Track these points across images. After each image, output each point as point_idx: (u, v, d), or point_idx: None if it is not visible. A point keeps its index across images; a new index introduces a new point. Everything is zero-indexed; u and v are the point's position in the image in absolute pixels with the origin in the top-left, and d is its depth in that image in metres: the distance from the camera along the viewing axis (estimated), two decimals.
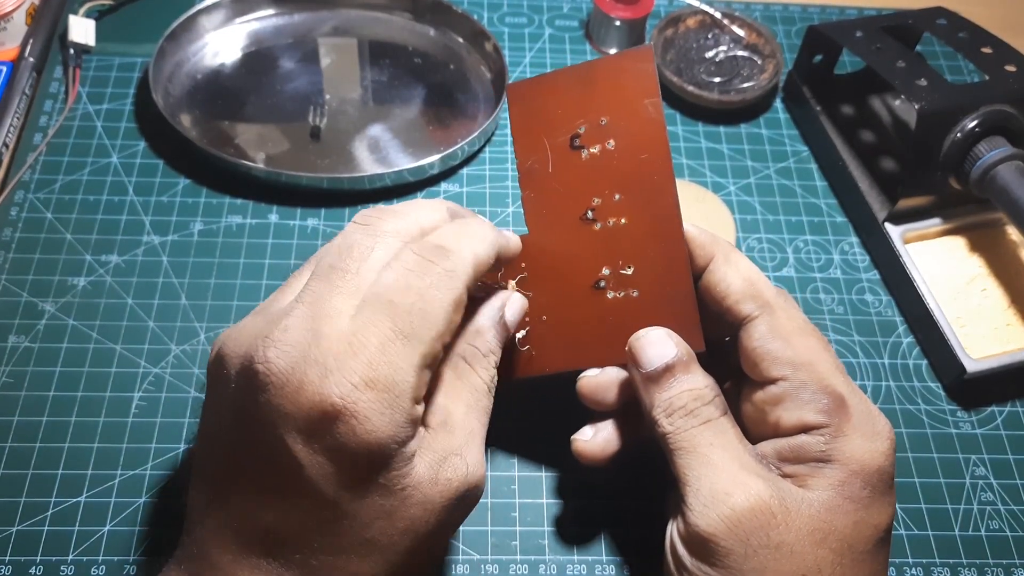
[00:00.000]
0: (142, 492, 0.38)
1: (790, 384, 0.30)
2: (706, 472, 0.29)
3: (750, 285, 0.31)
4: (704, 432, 0.29)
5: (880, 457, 0.29)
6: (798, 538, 0.27)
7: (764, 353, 0.30)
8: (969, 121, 0.44)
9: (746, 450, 0.30)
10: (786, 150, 0.53)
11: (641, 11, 0.55)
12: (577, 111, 0.34)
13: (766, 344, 0.30)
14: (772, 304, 0.31)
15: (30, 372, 0.41)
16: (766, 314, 0.31)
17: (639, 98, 0.33)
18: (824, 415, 0.29)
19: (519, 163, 0.36)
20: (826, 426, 0.29)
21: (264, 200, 0.48)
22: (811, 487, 0.28)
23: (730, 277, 0.31)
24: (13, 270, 0.44)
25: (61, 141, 0.49)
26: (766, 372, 0.30)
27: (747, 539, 0.27)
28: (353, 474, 0.26)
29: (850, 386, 0.30)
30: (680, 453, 0.29)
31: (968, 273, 0.46)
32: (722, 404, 0.31)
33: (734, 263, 0.32)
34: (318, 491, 0.26)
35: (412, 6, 0.56)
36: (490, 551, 0.37)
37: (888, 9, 0.54)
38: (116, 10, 0.55)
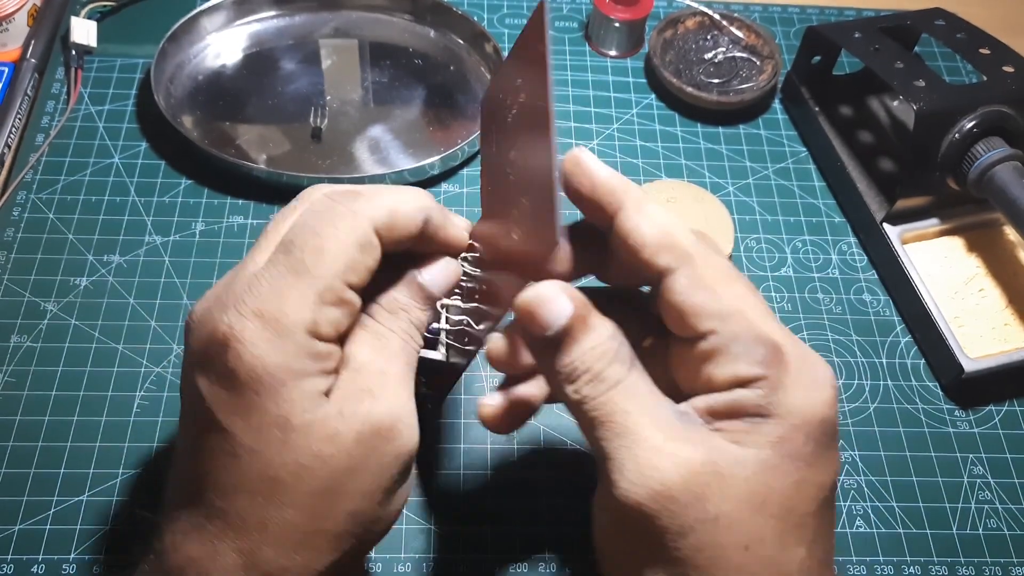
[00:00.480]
0: (143, 492, 0.38)
1: (720, 337, 0.27)
2: (626, 444, 0.26)
3: (665, 235, 0.28)
4: (616, 397, 0.26)
5: (822, 407, 0.26)
6: (736, 506, 0.25)
7: (688, 307, 0.27)
8: (967, 122, 0.44)
9: (667, 410, 0.27)
10: (785, 151, 0.53)
11: (640, 12, 0.55)
12: (509, 88, 0.33)
13: (689, 297, 0.27)
14: (691, 253, 0.27)
15: (32, 372, 0.41)
16: (685, 265, 0.27)
17: (534, 45, 0.31)
18: (760, 367, 0.26)
19: (481, 157, 0.36)
20: (763, 378, 0.26)
21: (265, 201, 0.48)
22: (747, 444, 0.26)
23: (643, 227, 0.28)
24: (15, 270, 0.44)
25: (63, 142, 0.49)
26: (693, 327, 0.27)
27: (682, 514, 0.25)
28: (244, 401, 0.25)
29: (785, 333, 0.28)
30: (595, 426, 0.27)
31: (966, 273, 0.47)
32: (628, 355, 0.27)
33: (647, 213, 0.28)
34: (216, 422, 0.26)
35: (412, 7, 0.56)
36: (490, 550, 0.38)
37: (887, 10, 0.54)
38: (118, 11, 0.55)
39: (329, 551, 0.27)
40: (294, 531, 0.26)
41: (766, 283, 0.47)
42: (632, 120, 0.53)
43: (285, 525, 0.26)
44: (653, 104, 0.54)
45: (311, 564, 0.26)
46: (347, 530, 0.27)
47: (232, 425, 0.26)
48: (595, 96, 0.54)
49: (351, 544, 0.27)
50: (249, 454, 0.26)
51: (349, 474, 0.26)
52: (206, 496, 0.26)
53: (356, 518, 0.27)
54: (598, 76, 0.55)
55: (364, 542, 0.28)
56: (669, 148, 0.52)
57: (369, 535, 0.28)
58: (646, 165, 0.51)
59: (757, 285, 0.47)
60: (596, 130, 0.53)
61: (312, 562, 0.26)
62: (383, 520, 0.28)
